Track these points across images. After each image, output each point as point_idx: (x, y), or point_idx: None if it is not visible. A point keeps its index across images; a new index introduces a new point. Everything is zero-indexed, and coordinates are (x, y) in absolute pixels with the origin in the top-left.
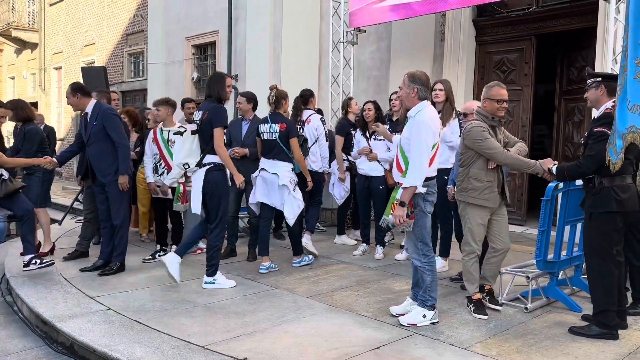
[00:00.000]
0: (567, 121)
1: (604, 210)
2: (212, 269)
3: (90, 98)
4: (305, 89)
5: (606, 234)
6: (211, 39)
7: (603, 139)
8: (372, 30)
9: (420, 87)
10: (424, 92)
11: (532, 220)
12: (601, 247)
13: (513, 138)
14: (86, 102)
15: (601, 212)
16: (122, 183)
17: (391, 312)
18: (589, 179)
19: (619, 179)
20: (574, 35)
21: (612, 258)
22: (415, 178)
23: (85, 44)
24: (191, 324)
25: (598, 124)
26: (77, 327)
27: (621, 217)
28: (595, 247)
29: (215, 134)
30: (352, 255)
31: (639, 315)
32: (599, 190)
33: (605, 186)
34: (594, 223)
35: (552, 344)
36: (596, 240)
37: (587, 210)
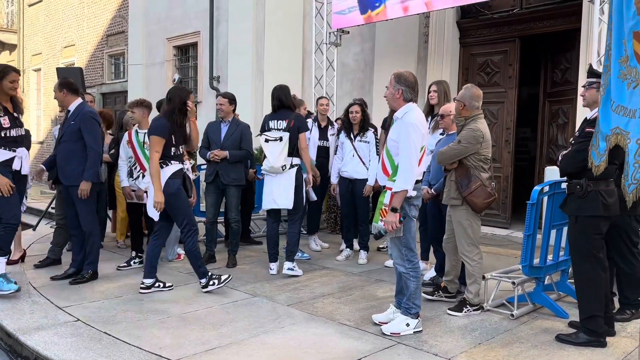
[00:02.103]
0: (551, 123)
1: (590, 214)
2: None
3: (76, 97)
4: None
5: (592, 238)
6: (192, 40)
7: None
8: (356, 31)
9: (405, 89)
10: (409, 94)
11: (516, 224)
12: (588, 252)
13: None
14: (71, 100)
15: (587, 215)
16: (82, 189)
17: (374, 321)
18: (575, 181)
19: (604, 183)
20: (558, 37)
21: (600, 262)
22: (405, 182)
23: (65, 45)
24: (164, 336)
25: (592, 125)
26: (42, 341)
27: (605, 222)
28: (582, 251)
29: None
30: (335, 260)
31: (626, 321)
32: (586, 193)
33: (592, 189)
34: (580, 226)
35: (539, 353)
36: (582, 244)
37: (572, 213)
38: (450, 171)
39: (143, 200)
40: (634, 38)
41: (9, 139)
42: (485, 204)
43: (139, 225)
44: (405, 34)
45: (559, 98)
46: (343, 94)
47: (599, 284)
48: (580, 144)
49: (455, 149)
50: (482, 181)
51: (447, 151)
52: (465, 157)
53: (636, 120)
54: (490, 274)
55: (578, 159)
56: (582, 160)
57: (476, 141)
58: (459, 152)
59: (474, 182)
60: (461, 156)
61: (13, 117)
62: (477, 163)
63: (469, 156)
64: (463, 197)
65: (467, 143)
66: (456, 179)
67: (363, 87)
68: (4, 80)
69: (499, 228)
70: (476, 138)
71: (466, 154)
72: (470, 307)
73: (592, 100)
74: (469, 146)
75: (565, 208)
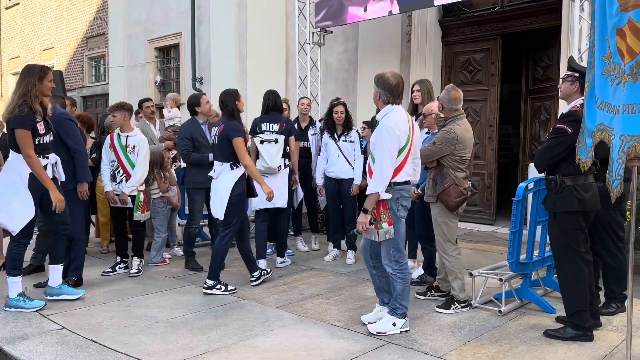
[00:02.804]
0: (533, 120)
1: (566, 210)
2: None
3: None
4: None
5: (571, 234)
6: (174, 41)
7: (563, 134)
8: (339, 31)
9: (382, 92)
10: (385, 97)
11: (500, 220)
12: (569, 247)
13: None
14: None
15: (563, 211)
16: (81, 191)
17: (362, 321)
18: (550, 177)
19: (582, 178)
20: (539, 35)
21: (581, 257)
22: (377, 185)
23: (44, 48)
24: (151, 342)
25: (562, 120)
26: (27, 350)
27: (583, 217)
28: (563, 247)
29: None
30: (323, 261)
31: (612, 314)
32: (561, 189)
33: (567, 185)
34: (558, 223)
35: (528, 349)
36: (562, 240)
37: (550, 209)
38: (430, 169)
39: (127, 204)
40: (617, 35)
41: (43, 145)
42: (456, 203)
43: (123, 229)
44: (388, 34)
45: (540, 95)
46: (327, 94)
47: (582, 279)
48: (552, 139)
49: (430, 149)
50: (455, 180)
51: (422, 151)
52: (441, 157)
53: (620, 116)
54: (478, 271)
55: (550, 155)
56: (554, 156)
57: (450, 143)
58: (432, 152)
59: (446, 181)
60: (436, 157)
61: (46, 122)
62: (452, 163)
63: (445, 156)
64: (436, 195)
65: (441, 144)
66: (433, 177)
67: (347, 86)
68: (44, 80)
69: (483, 225)
70: (450, 140)
71: (440, 154)
72: (458, 304)
73: (565, 93)
74: (443, 147)
75: (545, 204)
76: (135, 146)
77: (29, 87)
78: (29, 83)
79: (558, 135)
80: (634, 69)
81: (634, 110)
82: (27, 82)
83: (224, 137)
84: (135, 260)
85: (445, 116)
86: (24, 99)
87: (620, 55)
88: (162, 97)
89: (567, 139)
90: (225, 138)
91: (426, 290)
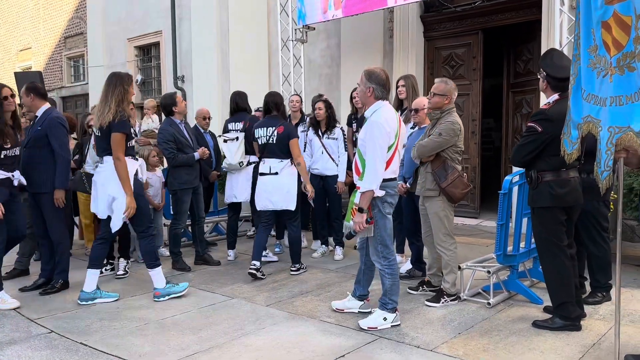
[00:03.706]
0: (515, 114)
1: (541, 205)
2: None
3: (44, 101)
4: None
5: (550, 228)
6: (154, 40)
7: (533, 133)
8: (321, 27)
9: (377, 87)
10: (380, 92)
11: (485, 213)
12: (549, 242)
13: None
14: (39, 105)
15: (539, 207)
16: (57, 198)
17: (332, 307)
18: (526, 173)
19: (557, 174)
20: (520, 29)
21: (562, 251)
22: (371, 182)
23: (21, 49)
24: (142, 344)
25: (533, 119)
26: (16, 355)
27: (562, 212)
28: (544, 241)
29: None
30: (311, 257)
31: (598, 304)
32: (537, 185)
33: (542, 181)
34: (537, 218)
35: (518, 340)
36: (543, 235)
37: (530, 205)
38: (426, 163)
39: None
40: (602, 27)
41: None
42: (462, 194)
43: None
44: (370, 30)
45: (522, 88)
46: (312, 91)
47: (565, 272)
48: (525, 137)
49: (436, 141)
50: (459, 172)
51: (428, 143)
52: (442, 149)
53: (607, 108)
54: (466, 264)
55: (523, 153)
56: (527, 153)
57: (455, 134)
58: (439, 144)
59: (451, 173)
60: (441, 148)
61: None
62: (453, 155)
63: (447, 148)
64: (441, 189)
65: (448, 135)
66: (433, 171)
67: (331, 83)
68: (131, 87)
69: (469, 218)
70: (455, 131)
71: (446, 146)
72: (447, 297)
73: (542, 88)
74: (449, 138)
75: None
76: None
77: (123, 94)
78: (123, 90)
79: (529, 134)
80: (621, 61)
81: (621, 102)
82: (119, 89)
83: (285, 137)
84: (121, 262)
85: (449, 108)
86: (122, 105)
87: (606, 47)
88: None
89: (538, 137)
90: (286, 137)
91: (418, 285)
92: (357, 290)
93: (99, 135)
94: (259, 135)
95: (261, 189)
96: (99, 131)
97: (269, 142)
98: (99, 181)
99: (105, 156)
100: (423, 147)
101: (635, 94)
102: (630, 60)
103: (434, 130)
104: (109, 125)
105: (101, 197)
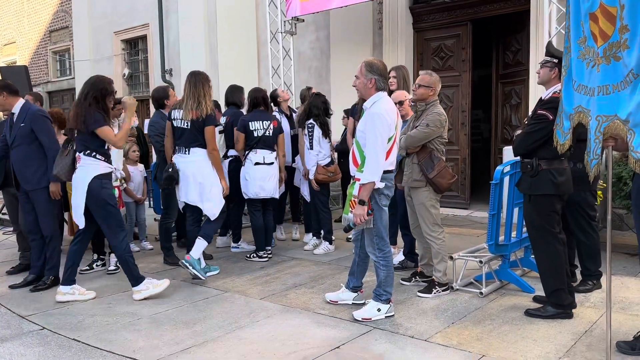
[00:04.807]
0: (504, 104)
1: (541, 193)
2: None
3: (17, 97)
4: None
5: (546, 215)
6: (141, 33)
7: (544, 121)
8: (310, 19)
9: (378, 78)
10: (381, 83)
11: (475, 204)
12: (544, 229)
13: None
14: (13, 102)
15: (538, 194)
16: (53, 191)
17: (326, 299)
18: (527, 161)
19: (557, 162)
20: (509, 19)
21: (556, 237)
22: (372, 174)
23: (5, 43)
24: (136, 339)
25: (544, 107)
26: (8, 352)
27: (559, 199)
28: (538, 228)
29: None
30: (303, 250)
31: (589, 291)
32: (537, 172)
33: (543, 168)
34: (533, 205)
35: (511, 329)
36: (538, 222)
37: (525, 192)
38: (411, 155)
39: None
40: (590, 19)
41: None
42: (448, 184)
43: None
44: (359, 21)
45: (511, 79)
46: (301, 83)
47: (558, 259)
48: (532, 125)
49: (424, 131)
50: (444, 162)
51: (417, 134)
52: (429, 140)
53: (595, 97)
54: (458, 254)
55: (530, 141)
56: (534, 142)
57: (441, 124)
58: (427, 134)
59: (438, 164)
60: (429, 139)
61: None
62: (439, 146)
63: (433, 139)
64: (429, 179)
65: (434, 126)
66: (419, 162)
67: (320, 75)
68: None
69: (459, 209)
70: (441, 122)
71: (433, 136)
72: (439, 287)
73: (544, 79)
74: (435, 129)
75: (519, 187)
76: None
77: (207, 90)
78: (207, 87)
79: (539, 122)
80: (607, 51)
81: (608, 92)
82: (206, 87)
83: (278, 130)
84: (112, 257)
85: (433, 100)
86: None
87: (593, 38)
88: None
89: (547, 125)
90: (278, 131)
91: (411, 276)
92: (350, 281)
93: (187, 127)
94: (255, 127)
95: (256, 176)
96: (187, 123)
97: (266, 134)
98: (190, 170)
99: (193, 147)
100: (411, 137)
101: (621, 82)
102: (616, 50)
103: (420, 121)
104: (205, 119)
105: (192, 185)
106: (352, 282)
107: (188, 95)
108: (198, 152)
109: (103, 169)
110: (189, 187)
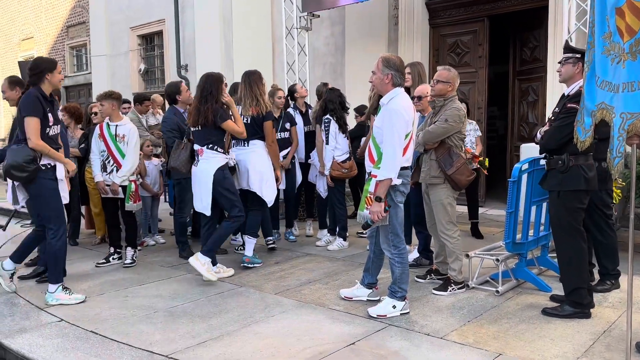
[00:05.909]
0: (521, 101)
1: (573, 189)
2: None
3: None
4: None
5: (573, 211)
6: (157, 29)
7: (574, 114)
8: (326, 15)
9: (395, 73)
10: (398, 79)
11: (490, 202)
12: (570, 225)
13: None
14: None
15: (570, 190)
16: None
17: (340, 295)
18: (556, 157)
19: (584, 158)
20: (526, 15)
21: (581, 234)
22: (389, 170)
23: (23, 38)
24: (152, 332)
25: (573, 101)
26: (27, 343)
27: (586, 195)
28: (564, 225)
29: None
30: (316, 246)
31: (607, 291)
32: (568, 168)
33: (574, 164)
34: (562, 201)
35: (528, 327)
36: (565, 219)
37: (555, 189)
38: (429, 151)
39: (118, 194)
40: (617, 14)
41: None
42: (467, 181)
43: (115, 220)
44: (374, 17)
45: (528, 76)
46: (315, 79)
47: (582, 256)
48: (562, 119)
49: (443, 127)
50: (464, 159)
51: (435, 130)
52: (448, 135)
53: (620, 94)
54: (474, 252)
55: (560, 135)
56: (565, 136)
57: (460, 120)
58: (446, 130)
59: (457, 160)
60: (448, 134)
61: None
62: (457, 142)
63: (452, 135)
64: (447, 176)
65: (454, 122)
66: (437, 158)
67: (335, 71)
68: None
69: None
70: (460, 117)
71: (452, 132)
72: (454, 285)
73: (567, 75)
74: (454, 125)
75: (545, 184)
76: (125, 135)
77: (262, 89)
78: (261, 85)
79: (568, 115)
80: (633, 47)
81: (633, 88)
82: (258, 85)
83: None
84: (129, 251)
85: (452, 95)
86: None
87: (619, 34)
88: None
89: None
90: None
91: (426, 273)
92: (365, 278)
93: (246, 122)
94: None
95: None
96: (247, 119)
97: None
98: (250, 160)
99: (253, 140)
100: (430, 133)
101: None
102: None
103: (438, 117)
104: (264, 115)
105: (253, 174)
106: (367, 278)
107: (245, 95)
108: (257, 144)
109: (223, 160)
110: (251, 175)
